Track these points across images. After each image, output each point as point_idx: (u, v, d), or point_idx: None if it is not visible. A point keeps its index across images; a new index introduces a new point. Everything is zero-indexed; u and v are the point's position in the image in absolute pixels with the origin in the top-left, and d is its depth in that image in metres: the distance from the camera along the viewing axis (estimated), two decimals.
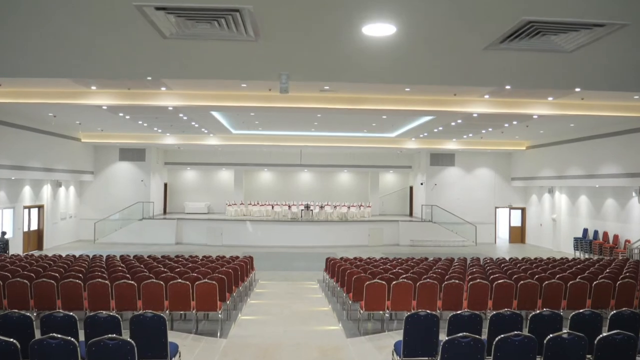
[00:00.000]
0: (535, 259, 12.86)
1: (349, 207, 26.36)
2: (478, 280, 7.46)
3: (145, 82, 13.68)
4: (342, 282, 9.84)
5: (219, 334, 7.18)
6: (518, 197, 26.29)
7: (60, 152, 21.42)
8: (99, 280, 7.30)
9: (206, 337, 6.95)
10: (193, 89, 14.73)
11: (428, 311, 4.60)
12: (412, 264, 10.98)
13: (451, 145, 24.34)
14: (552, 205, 23.49)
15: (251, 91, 14.75)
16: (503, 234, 26.65)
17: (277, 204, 26.97)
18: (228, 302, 8.36)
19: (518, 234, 26.27)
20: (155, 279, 7.20)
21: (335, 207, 26.50)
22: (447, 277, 8.21)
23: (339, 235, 23.96)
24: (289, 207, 26.27)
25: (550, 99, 14.98)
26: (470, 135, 21.74)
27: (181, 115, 16.92)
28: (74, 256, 12.53)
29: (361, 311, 7.39)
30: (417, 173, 27.81)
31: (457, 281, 7.42)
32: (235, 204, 26.97)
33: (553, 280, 7.74)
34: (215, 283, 7.18)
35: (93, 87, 14.34)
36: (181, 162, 28.28)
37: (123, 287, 7.08)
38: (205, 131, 21.73)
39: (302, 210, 25.62)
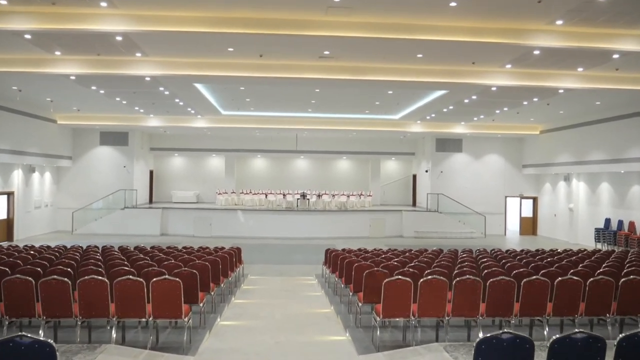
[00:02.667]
0: (580, 250, 11.07)
1: (348, 196, 24.52)
2: (534, 277, 5.63)
3: (118, 47, 11.77)
4: (347, 278, 8.01)
5: (184, 349, 5.33)
6: (530, 185, 24.51)
7: (32, 134, 19.44)
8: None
9: (166, 353, 5.11)
10: (172, 55, 12.80)
11: (515, 333, 2.75)
12: (429, 256, 9.14)
13: (459, 129, 22.50)
14: (568, 193, 21.71)
15: (239, 58, 12.84)
16: (513, 225, 24.86)
17: (271, 193, 25.09)
18: (202, 304, 6.50)
19: (529, 225, 24.50)
20: (97, 276, 5.32)
21: (333, 196, 24.64)
22: (484, 272, 6.37)
23: (337, 225, 22.12)
24: (284, 195, 24.41)
25: (580, 69, 13.15)
26: (482, 117, 19.92)
27: (162, 89, 15.00)
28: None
29: (377, 318, 5.56)
30: (421, 160, 25.97)
31: (505, 278, 5.59)
32: (226, 193, 25.08)
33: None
34: (180, 281, 5.33)
35: (57, 52, 12.39)
36: (168, 148, 26.32)
37: (52, 285, 5.21)
38: (192, 111, 19.81)
39: (298, 199, 23.76)
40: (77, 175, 23.38)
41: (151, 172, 26.60)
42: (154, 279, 5.33)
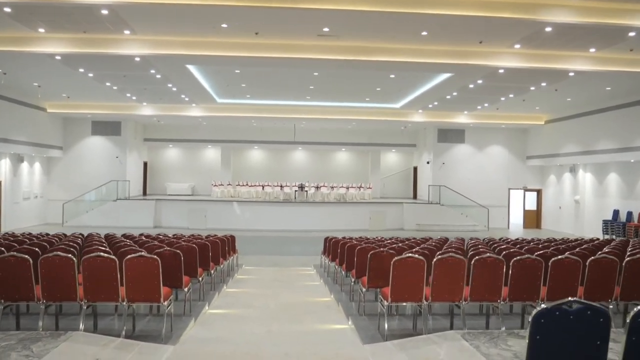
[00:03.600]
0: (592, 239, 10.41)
1: (347, 188, 23.85)
2: (564, 256, 4.97)
3: (104, 24, 11.08)
4: (349, 264, 7.35)
5: (163, 337, 4.66)
6: (534, 177, 23.86)
7: (20, 122, 18.72)
8: None
9: (143, 342, 4.43)
10: (163, 34, 12.11)
11: (587, 303, 2.08)
12: (436, 243, 8.48)
13: (461, 119, 21.84)
14: (574, 185, 21.07)
15: (234, 37, 12.16)
16: (516, 218, 24.20)
17: (268, 185, 24.39)
18: (187, 290, 5.82)
19: (533, 219, 23.86)
20: (61, 253, 4.63)
21: (332, 188, 23.97)
22: (503, 254, 5.69)
23: (336, 218, 21.45)
24: (282, 187, 23.71)
25: (592, 50, 12.50)
26: (486, 105, 19.25)
27: (153, 71, 14.30)
28: None
29: (385, 303, 4.89)
30: (422, 151, 25.30)
31: (531, 256, 4.93)
32: (222, 185, 24.39)
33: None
34: (157, 259, 4.66)
35: (41, 30, 11.70)
36: (162, 139, 25.58)
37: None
38: (186, 99, 19.12)
39: (295, 191, 23.08)
40: (68, 165, 22.65)
41: (145, 164, 25.88)
42: (128, 257, 4.66)
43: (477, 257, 4.90)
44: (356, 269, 6.52)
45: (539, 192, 23.87)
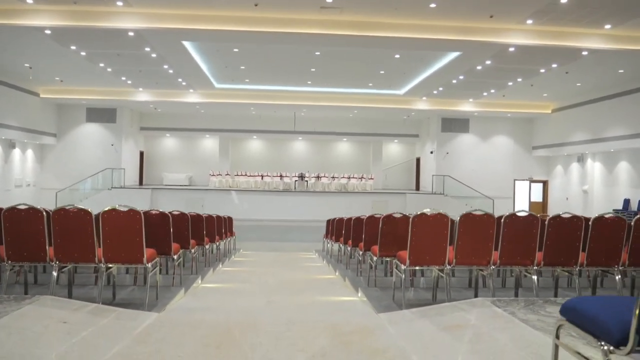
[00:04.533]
0: None
1: (349, 178, 23.27)
2: (608, 215, 4.38)
3: None
4: (356, 238, 6.74)
5: (146, 305, 4.06)
6: (540, 168, 23.29)
7: (12, 106, 18.10)
8: None
9: (121, 308, 3.83)
10: (157, 6, 11.52)
11: None
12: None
13: (466, 106, 21.25)
14: (582, 175, 20.50)
15: (232, 9, 11.57)
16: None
17: (267, 175, 23.78)
18: (177, 258, 5.21)
19: (539, 210, 23.24)
20: (24, 206, 4.01)
21: (333, 178, 23.38)
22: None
23: (338, 207, 20.82)
24: (281, 177, 23.12)
25: (607, 27, 11.94)
26: (492, 91, 18.66)
27: (148, 49, 13.70)
28: None
29: (402, 267, 4.28)
30: (425, 141, 24.70)
31: (568, 213, 4.33)
32: (220, 175, 23.78)
33: None
34: (140, 212, 4.07)
35: (29, 1, 11.10)
36: (159, 128, 24.95)
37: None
38: (184, 83, 18.51)
39: (295, 181, 22.49)
40: (62, 153, 22.04)
41: (141, 154, 25.27)
42: (105, 209, 4.07)
43: (508, 214, 4.31)
44: (365, 240, 5.92)
45: (545, 183, 23.30)
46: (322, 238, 11.69)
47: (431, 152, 23.38)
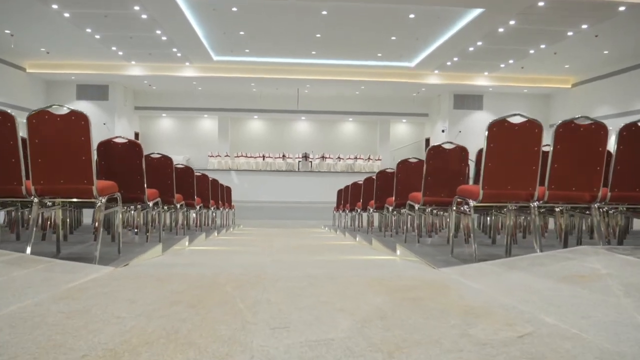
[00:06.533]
0: None
1: (355, 158, 22.02)
2: None
3: None
4: (380, 196, 5.48)
5: (97, 258, 2.79)
6: None
7: None
8: None
9: (60, 260, 2.58)
10: None
11: None
12: None
13: (481, 81, 19.96)
14: None
15: None
16: None
17: (269, 156, 22.51)
18: (153, 205, 3.94)
19: None
20: None
21: (339, 158, 22.13)
22: None
23: None
24: (283, 157, 21.86)
25: None
26: (511, 61, 17.36)
27: (137, 8, 12.40)
28: None
29: (471, 203, 3.05)
30: (436, 121, 23.40)
31: None
32: (219, 156, 22.53)
33: None
34: (88, 118, 2.84)
35: None
36: (154, 107, 23.65)
37: None
38: (179, 54, 17.22)
39: (299, 161, 21.24)
40: None
41: (136, 135, 23.99)
42: (34, 111, 2.84)
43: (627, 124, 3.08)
44: (396, 193, 4.67)
45: None
46: (333, 212, 10.44)
47: (442, 131, 22.08)
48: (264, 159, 22.18)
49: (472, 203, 3.03)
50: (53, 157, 2.80)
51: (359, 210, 7.07)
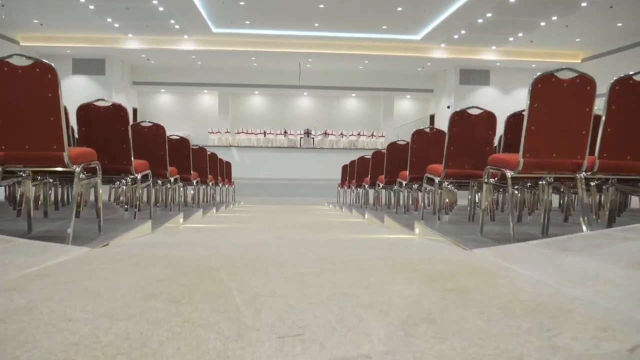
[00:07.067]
0: None
1: (359, 135, 21.56)
2: None
3: None
4: (391, 171, 5.09)
5: (71, 237, 2.40)
6: None
7: None
8: None
9: (27, 240, 2.19)
10: None
11: None
12: None
13: (488, 55, 19.37)
14: None
15: None
16: None
17: (270, 133, 22.04)
18: (140, 176, 3.55)
19: None
20: None
21: (342, 135, 21.67)
22: None
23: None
24: (285, 134, 21.40)
25: None
26: (520, 35, 16.77)
27: None
28: None
29: (508, 173, 2.61)
30: (441, 97, 22.85)
31: None
32: (219, 132, 22.07)
33: None
34: (56, 72, 2.46)
35: None
36: (153, 82, 23.08)
37: None
38: (177, 26, 16.64)
39: (301, 137, 20.78)
40: None
41: (135, 110, 23.47)
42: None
43: None
44: (410, 166, 4.28)
45: None
46: (337, 188, 10.05)
47: (448, 107, 21.55)
48: (265, 136, 21.73)
49: (509, 174, 2.63)
50: (15, 118, 2.39)
51: (366, 186, 6.69)
